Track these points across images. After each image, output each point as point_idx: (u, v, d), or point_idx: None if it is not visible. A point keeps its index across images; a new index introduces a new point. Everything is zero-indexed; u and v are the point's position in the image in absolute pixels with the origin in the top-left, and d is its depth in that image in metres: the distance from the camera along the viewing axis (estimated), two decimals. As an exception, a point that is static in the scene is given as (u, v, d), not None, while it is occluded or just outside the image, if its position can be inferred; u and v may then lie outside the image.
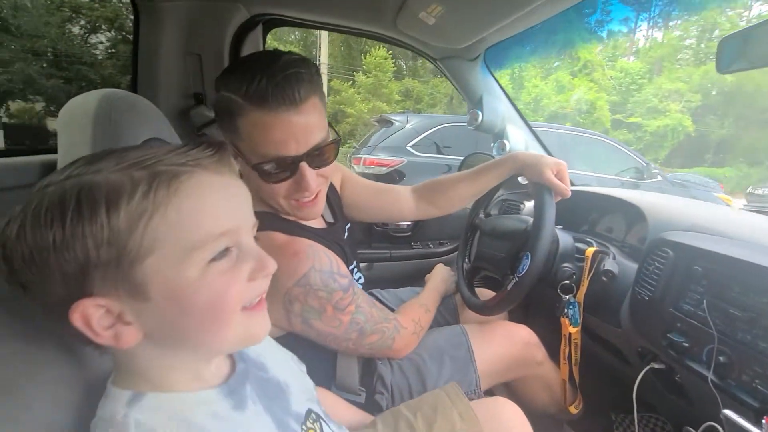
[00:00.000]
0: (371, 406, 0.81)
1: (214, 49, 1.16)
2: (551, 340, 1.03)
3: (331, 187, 0.95)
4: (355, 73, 15.00)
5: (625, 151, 4.78)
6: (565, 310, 0.92)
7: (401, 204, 1.06)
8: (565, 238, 0.97)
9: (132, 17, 1.09)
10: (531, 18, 0.98)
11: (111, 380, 0.39)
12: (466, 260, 1.13)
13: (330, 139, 0.70)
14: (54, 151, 0.79)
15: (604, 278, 0.87)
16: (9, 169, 0.72)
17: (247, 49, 1.20)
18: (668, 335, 0.71)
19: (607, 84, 17.51)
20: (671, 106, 16.18)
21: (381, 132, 4.36)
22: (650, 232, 0.87)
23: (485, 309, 0.98)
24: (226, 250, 0.37)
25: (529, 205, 1.29)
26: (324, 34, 14.43)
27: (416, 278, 1.24)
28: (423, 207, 1.06)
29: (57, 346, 0.41)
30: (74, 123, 0.76)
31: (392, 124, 4.31)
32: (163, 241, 0.33)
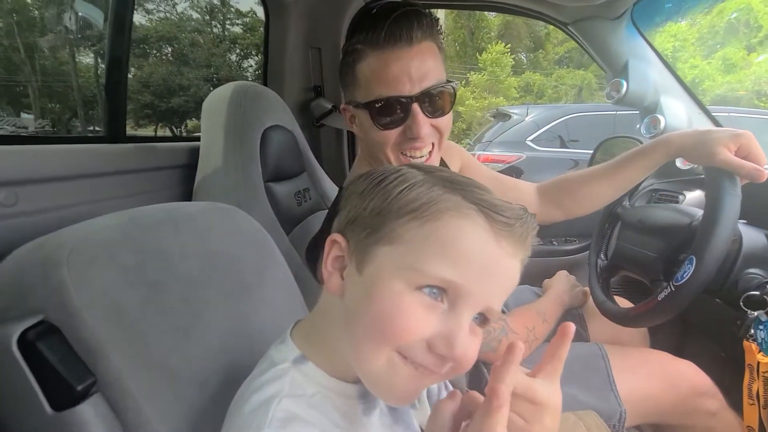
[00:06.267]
0: None
1: (332, 41, 1.21)
2: (725, 370, 0.79)
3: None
4: (469, 73, 14.64)
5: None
6: (752, 332, 0.70)
7: (521, 201, 0.92)
8: (752, 236, 0.74)
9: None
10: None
11: (291, 329, 0.42)
12: (602, 256, 0.95)
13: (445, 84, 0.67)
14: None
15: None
16: (166, 151, 0.85)
17: (361, 39, 1.22)
18: None
19: (805, 56, 13.48)
20: None
21: (497, 127, 4.14)
22: None
23: (626, 319, 0.80)
24: (437, 292, 0.34)
25: (691, 196, 1.01)
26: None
27: (536, 278, 1.09)
28: (547, 210, 0.90)
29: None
30: (213, 109, 0.86)
31: (510, 117, 4.05)
32: (406, 242, 0.35)
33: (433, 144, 0.69)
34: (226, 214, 0.57)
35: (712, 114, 1.14)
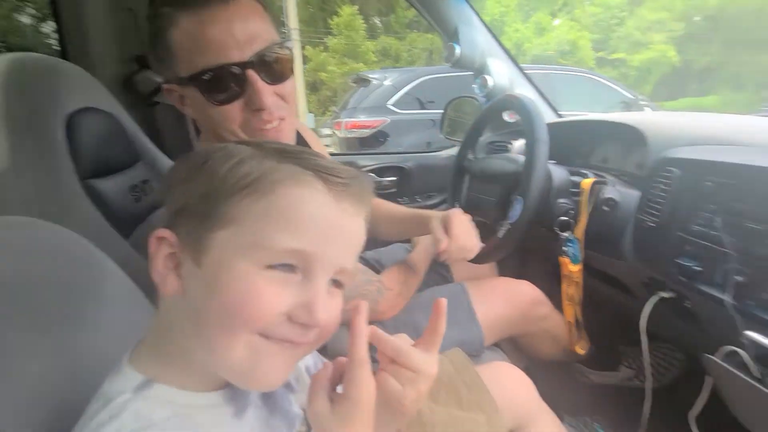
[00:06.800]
0: None
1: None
2: (552, 281, 0.98)
3: None
4: (327, 38, 14.30)
5: (613, 86, 4.66)
6: (564, 249, 0.88)
7: None
8: (558, 173, 0.90)
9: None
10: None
11: (128, 357, 0.36)
12: (456, 206, 1.07)
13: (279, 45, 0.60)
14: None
15: (605, 207, 0.80)
16: None
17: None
18: (677, 261, 0.65)
19: (589, 21, 16.91)
20: (654, 38, 15.71)
21: (359, 92, 4.19)
22: (651, 152, 0.79)
23: (478, 257, 0.92)
24: (289, 267, 0.33)
25: (517, 144, 1.20)
26: (290, -2, 13.53)
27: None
28: None
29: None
30: (-21, 93, 0.65)
31: (370, 82, 4.13)
32: (244, 221, 0.33)
33: (283, 118, 0.63)
34: (17, 229, 0.44)
35: (526, 71, 1.34)
